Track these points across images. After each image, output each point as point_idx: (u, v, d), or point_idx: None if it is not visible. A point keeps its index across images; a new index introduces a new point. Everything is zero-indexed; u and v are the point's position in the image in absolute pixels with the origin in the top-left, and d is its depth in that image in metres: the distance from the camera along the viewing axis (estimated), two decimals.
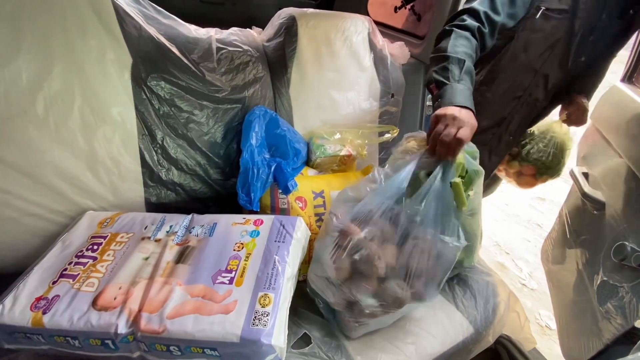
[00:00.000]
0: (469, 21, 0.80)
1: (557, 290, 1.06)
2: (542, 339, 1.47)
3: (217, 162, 0.87)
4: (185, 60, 0.81)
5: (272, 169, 0.79)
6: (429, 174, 0.66)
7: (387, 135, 1.02)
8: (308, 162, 0.97)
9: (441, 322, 0.76)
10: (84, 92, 0.72)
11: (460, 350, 0.75)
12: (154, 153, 0.81)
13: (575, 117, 1.00)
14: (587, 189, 0.97)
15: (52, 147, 0.70)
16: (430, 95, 1.27)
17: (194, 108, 0.83)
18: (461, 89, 0.71)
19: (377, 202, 0.62)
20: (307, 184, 0.86)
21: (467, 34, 0.79)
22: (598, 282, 0.86)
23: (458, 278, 0.85)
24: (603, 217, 0.86)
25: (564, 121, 1.03)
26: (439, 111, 0.67)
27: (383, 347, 0.68)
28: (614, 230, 0.86)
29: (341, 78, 1.00)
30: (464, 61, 0.74)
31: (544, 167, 1.06)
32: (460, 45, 0.76)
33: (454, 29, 0.79)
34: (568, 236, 1.06)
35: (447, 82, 0.72)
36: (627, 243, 0.78)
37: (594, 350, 0.79)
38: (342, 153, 0.95)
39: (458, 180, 0.65)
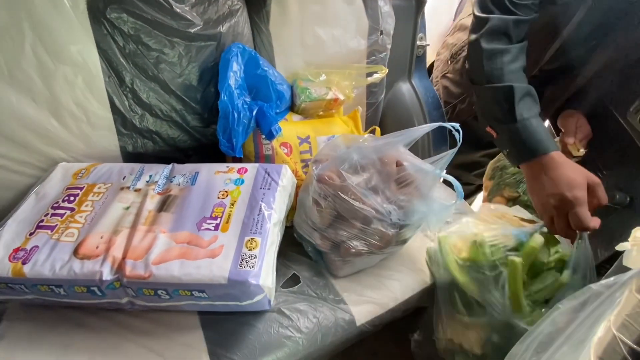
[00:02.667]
0: (495, 19, 0.62)
1: None
2: None
3: (194, 107, 0.81)
4: None
5: (254, 112, 0.74)
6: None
7: (376, 76, 0.96)
8: (292, 108, 0.92)
9: (424, 259, 0.79)
10: (35, 27, 0.63)
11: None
12: (124, 98, 0.75)
13: None
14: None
15: (7, 91, 0.64)
16: (421, 34, 1.18)
17: (164, 46, 0.75)
18: (527, 126, 0.58)
19: (366, 151, 0.60)
20: (291, 129, 0.83)
21: (500, 41, 0.62)
22: None
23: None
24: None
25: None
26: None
27: (368, 283, 0.71)
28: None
29: (326, 12, 0.91)
30: (511, 87, 0.59)
31: None
32: (500, 64, 0.60)
33: (481, 41, 0.62)
34: None
35: (504, 124, 0.60)
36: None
37: None
38: (329, 97, 0.90)
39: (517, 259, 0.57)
